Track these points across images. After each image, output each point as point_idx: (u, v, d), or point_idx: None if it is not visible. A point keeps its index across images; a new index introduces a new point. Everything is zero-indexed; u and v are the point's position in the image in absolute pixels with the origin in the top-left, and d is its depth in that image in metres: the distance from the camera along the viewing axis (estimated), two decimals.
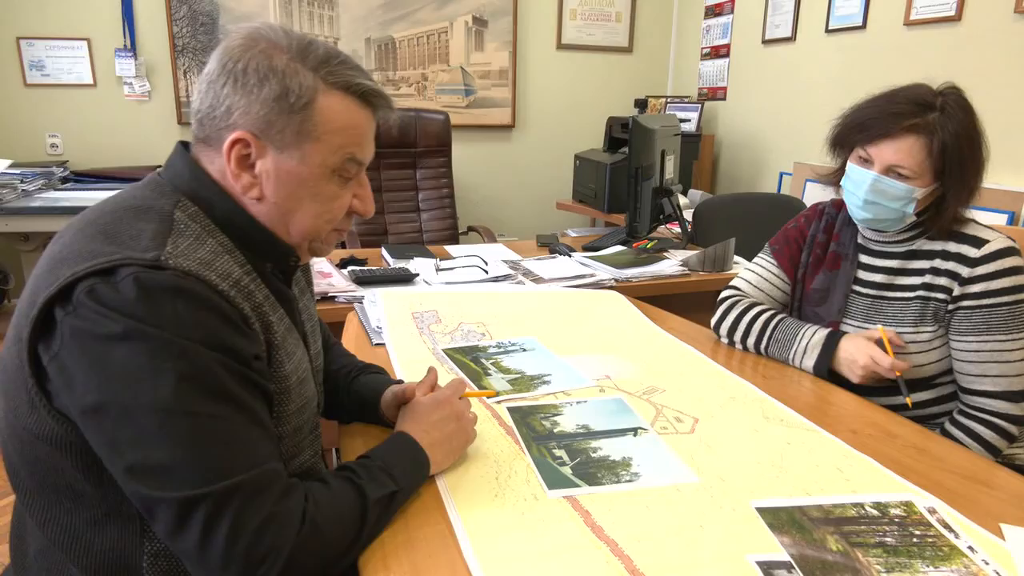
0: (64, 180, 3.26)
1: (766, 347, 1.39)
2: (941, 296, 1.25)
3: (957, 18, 2.54)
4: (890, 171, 1.22)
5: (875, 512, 0.86)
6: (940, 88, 1.23)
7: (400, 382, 1.12)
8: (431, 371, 1.07)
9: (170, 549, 0.79)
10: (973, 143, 1.20)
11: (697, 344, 1.47)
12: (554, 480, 0.92)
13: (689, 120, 3.80)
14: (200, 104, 0.80)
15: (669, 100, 4.04)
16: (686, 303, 1.93)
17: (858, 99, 1.29)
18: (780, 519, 0.84)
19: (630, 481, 0.92)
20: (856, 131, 1.26)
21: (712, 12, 4.02)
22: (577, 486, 0.91)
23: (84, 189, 3.13)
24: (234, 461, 0.70)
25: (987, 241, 1.22)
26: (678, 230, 2.64)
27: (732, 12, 3.85)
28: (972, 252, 1.22)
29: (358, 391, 1.09)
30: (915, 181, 1.21)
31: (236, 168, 0.80)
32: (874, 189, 1.23)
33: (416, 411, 0.96)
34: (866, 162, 1.25)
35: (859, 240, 1.37)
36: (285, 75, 0.77)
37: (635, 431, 1.07)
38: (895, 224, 1.28)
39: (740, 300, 1.47)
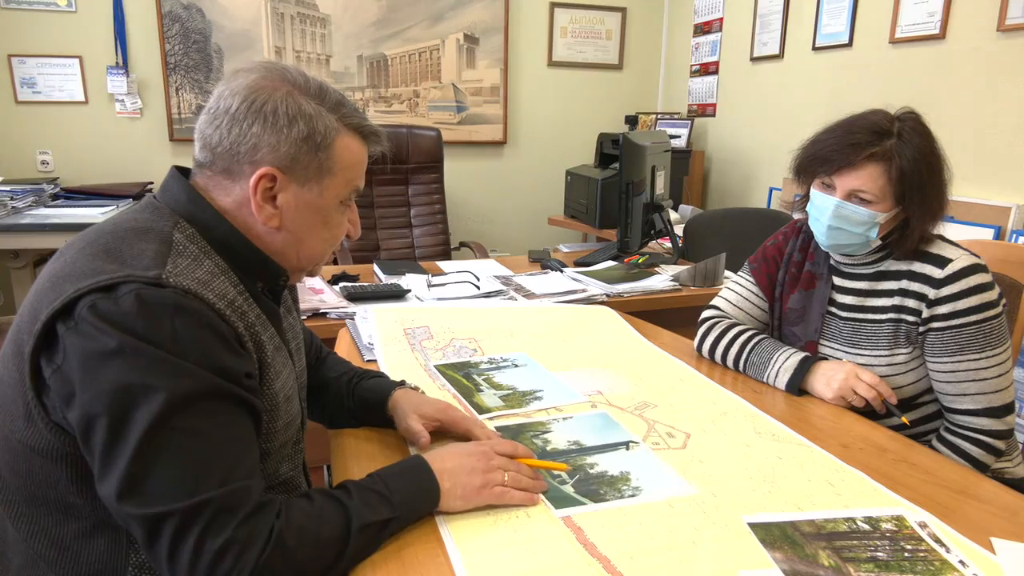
0: (55, 197, 3.25)
1: (743, 368, 1.40)
2: (911, 319, 1.26)
3: (941, 36, 2.58)
4: (852, 196, 1.23)
5: (866, 527, 0.87)
6: (897, 114, 1.25)
7: (403, 383, 1.15)
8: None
9: None
10: (932, 167, 1.22)
11: (688, 359, 1.47)
12: (558, 499, 0.91)
13: (679, 136, 3.83)
14: (220, 139, 0.83)
15: (659, 116, 4.08)
16: (677, 318, 1.93)
17: (818, 128, 1.30)
18: (772, 534, 0.85)
19: (633, 496, 0.92)
20: (818, 164, 1.27)
21: (701, 30, 4.07)
22: (582, 504, 0.90)
23: (75, 206, 3.11)
24: (206, 479, 0.71)
25: (950, 260, 1.23)
26: (669, 245, 2.65)
27: (721, 30, 3.90)
28: (936, 272, 1.23)
29: (362, 395, 1.12)
30: (877, 206, 1.22)
31: (261, 200, 0.84)
32: (837, 215, 1.24)
33: (448, 447, 0.95)
34: (828, 187, 1.27)
35: (832, 262, 1.38)
36: (312, 118, 0.84)
37: (627, 445, 1.07)
38: (860, 249, 1.29)
39: (719, 321, 1.48)
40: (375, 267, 2.25)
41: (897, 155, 1.20)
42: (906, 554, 0.81)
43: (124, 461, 0.70)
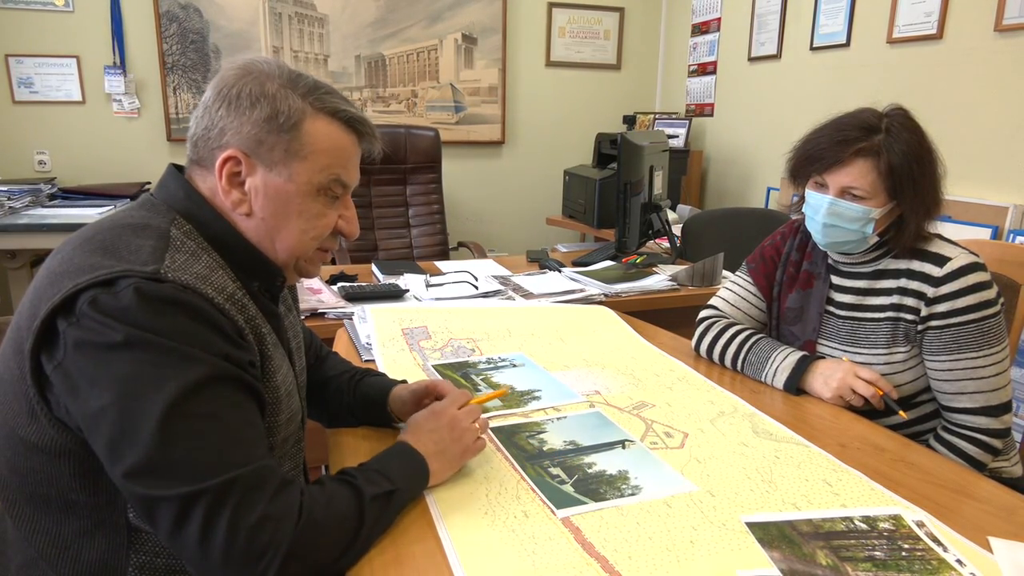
0: (52, 197, 3.24)
1: (742, 368, 1.40)
2: (910, 317, 1.26)
3: (939, 36, 2.58)
4: (845, 193, 1.24)
5: (864, 526, 0.87)
6: (885, 110, 1.26)
7: (404, 382, 1.15)
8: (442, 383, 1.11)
9: (157, 561, 0.82)
10: (922, 160, 1.22)
11: (686, 359, 1.47)
12: (559, 500, 0.91)
13: (677, 136, 3.83)
14: (196, 128, 0.85)
15: (657, 116, 4.08)
16: (675, 318, 1.93)
17: (810, 128, 1.31)
18: (770, 534, 0.85)
19: (633, 495, 0.92)
20: (809, 163, 1.28)
21: (699, 30, 4.07)
22: (583, 503, 0.90)
23: (72, 206, 3.11)
24: (231, 458, 0.72)
25: (949, 259, 1.23)
26: (667, 245, 2.66)
27: (719, 30, 3.90)
28: (935, 271, 1.23)
29: (364, 392, 1.13)
30: (870, 202, 1.23)
31: (227, 184, 0.84)
32: (831, 212, 1.25)
33: (414, 422, 0.98)
34: (821, 187, 1.28)
35: (830, 261, 1.39)
36: (276, 98, 0.83)
37: (623, 444, 1.07)
38: (858, 246, 1.29)
39: (717, 321, 1.48)
40: (373, 267, 2.25)
41: (886, 150, 1.20)
42: (903, 553, 0.81)
43: (145, 448, 0.70)
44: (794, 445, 1.09)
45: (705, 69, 4.03)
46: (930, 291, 1.23)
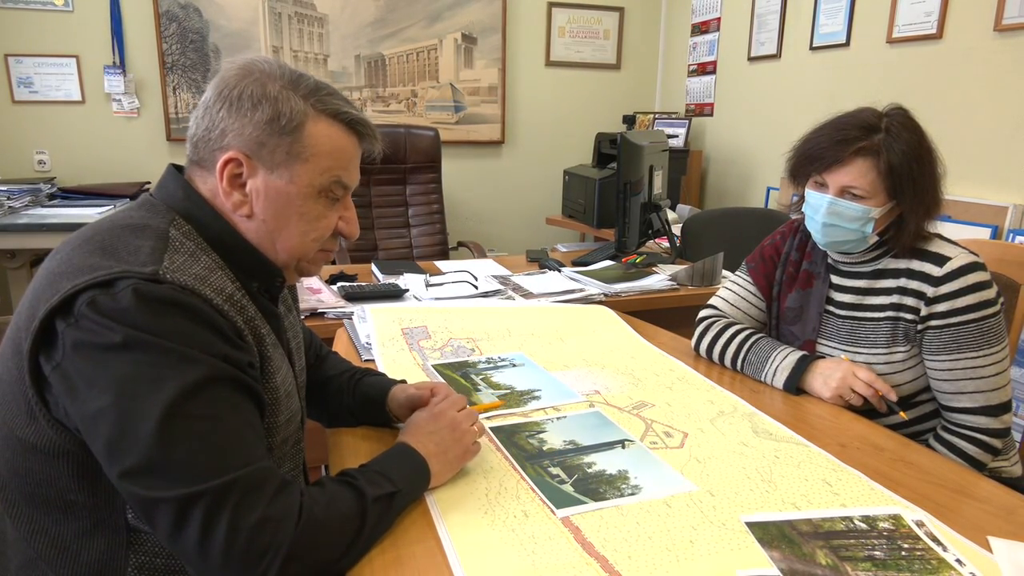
0: (51, 197, 3.24)
1: (741, 367, 1.40)
2: (909, 316, 1.26)
3: (938, 36, 2.58)
4: (844, 193, 1.24)
5: (864, 526, 0.87)
6: (885, 110, 1.26)
7: (403, 381, 1.15)
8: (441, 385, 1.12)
9: (157, 561, 0.82)
10: (922, 160, 1.22)
11: (686, 359, 1.47)
12: (559, 499, 0.91)
13: (677, 136, 3.83)
14: (196, 129, 0.85)
15: (657, 116, 4.08)
16: (675, 318, 1.93)
17: (810, 128, 1.32)
18: (770, 534, 0.85)
19: (633, 494, 0.92)
20: (809, 162, 1.28)
21: (699, 30, 4.07)
22: (583, 503, 0.90)
23: (72, 206, 3.11)
24: (230, 459, 0.72)
25: (949, 258, 1.23)
26: (667, 245, 2.66)
27: (718, 30, 3.90)
28: (935, 271, 1.23)
29: (364, 392, 1.13)
30: (869, 201, 1.23)
31: (228, 186, 0.84)
32: (831, 212, 1.25)
33: (415, 423, 0.99)
34: (821, 186, 1.28)
35: (829, 261, 1.39)
36: (278, 100, 0.82)
37: (623, 443, 1.07)
38: (858, 246, 1.29)
39: (717, 320, 1.48)
40: (373, 267, 2.25)
41: (886, 149, 1.21)
42: (903, 553, 0.81)
43: (144, 450, 0.70)
44: (794, 445, 1.09)
45: (705, 69, 4.03)
46: (930, 291, 1.23)
